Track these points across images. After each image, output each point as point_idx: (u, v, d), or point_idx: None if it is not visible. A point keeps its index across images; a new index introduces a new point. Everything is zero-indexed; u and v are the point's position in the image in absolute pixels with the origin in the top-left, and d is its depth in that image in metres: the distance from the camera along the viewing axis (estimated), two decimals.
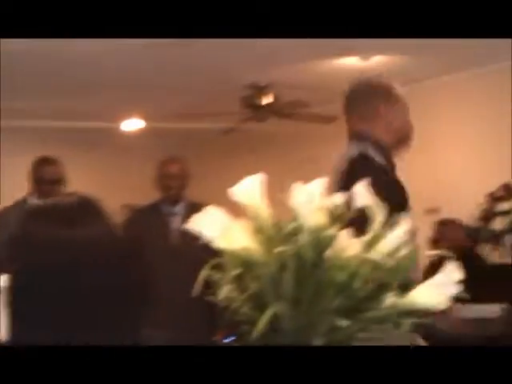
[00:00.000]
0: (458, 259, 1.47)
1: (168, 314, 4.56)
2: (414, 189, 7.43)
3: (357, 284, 1.43)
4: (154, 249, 4.67)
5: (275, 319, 1.35)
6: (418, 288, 1.45)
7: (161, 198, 4.96)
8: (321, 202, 1.42)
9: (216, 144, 9.04)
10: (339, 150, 8.34)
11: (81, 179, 8.74)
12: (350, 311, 1.42)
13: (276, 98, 7.41)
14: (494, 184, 6.69)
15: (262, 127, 7.86)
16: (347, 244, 1.46)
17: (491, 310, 4.24)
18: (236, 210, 1.45)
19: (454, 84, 7.43)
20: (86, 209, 1.36)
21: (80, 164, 9.28)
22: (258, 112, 7.46)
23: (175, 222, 4.79)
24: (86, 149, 9.40)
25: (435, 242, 5.99)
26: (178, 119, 8.10)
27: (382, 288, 1.46)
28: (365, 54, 6.57)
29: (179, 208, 4.88)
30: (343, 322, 1.40)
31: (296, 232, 1.41)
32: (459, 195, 7.10)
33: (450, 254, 1.49)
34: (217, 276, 1.42)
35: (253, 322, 1.34)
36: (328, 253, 1.42)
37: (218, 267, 1.42)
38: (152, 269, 1.38)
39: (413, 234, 1.56)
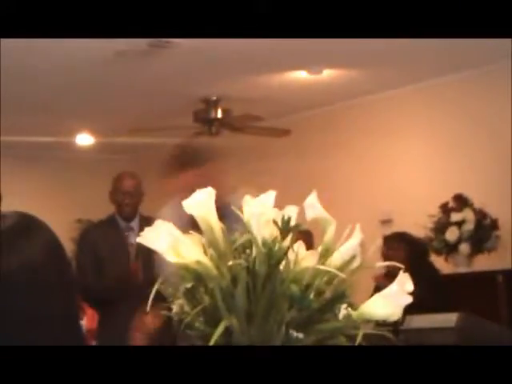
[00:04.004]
0: (406, 271, 1.47)
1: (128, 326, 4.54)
2: (369, 200, 7.49)
3: (310, 296, 1.42)
4: (115, 264, 4.68)
5: (228, 334, 1.34)
6: (371, 299, 1.44)
7: (116, 212, 4.92)
8: (272, 214, 1.41)
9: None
10: (291, 162, 8.32)
11: (31, 194, 8.67)
12: (305, 324, 1.41)
13: (227, 112, 7.41)
14: (444, 195, 6.77)
15: (214, 141, 7.85)
16: (300, 256, 1.46)
17: (446, 319, 4.26)
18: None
19: (404, 97, 7.50)
20: (24, 230, 1.31)
21: (30, 179, 9.19)
22: (209, 126, 7.44)
23: (132, 237, 4.77)
24: (35, 164, 9.32)
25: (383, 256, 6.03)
26: (128, 134, 8.05)
27: (335, 300, 1.45)
28: (315, 67, 6.60)
29: (134, 223, 4.86)
30: (298, 335, 1.39)
31: (248, 245, 1.40)
32: (411, 206, 7.16)
33: (401, 265, 1.49)
34: (169, 290, 1.40)
35: (205, 337, 1.32)
36: (281, 265, 1.41)
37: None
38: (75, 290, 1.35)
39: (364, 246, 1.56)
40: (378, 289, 1.49)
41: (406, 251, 6.04)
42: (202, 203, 1.40)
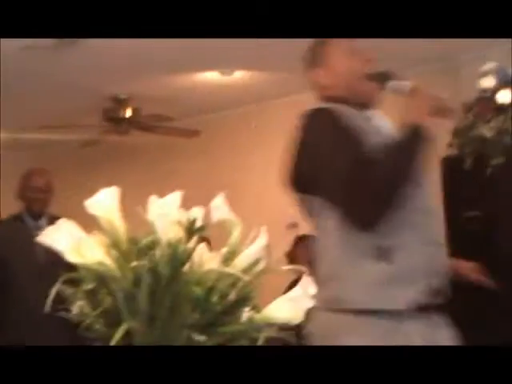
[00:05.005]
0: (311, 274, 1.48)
1: (33, 328, 4.42)
2: (276, 205, 7.48)
3: (214, 299, 1.41)
4: (21, 264, 4.56)
5: (129, 336, 1.32)
6: (275, 302, 1.45)
7: (24, 210, 4.80)
8: (177, 215, 1.40)
9: (75, 157, 8.89)
10: (200, 163, 8.28)
11: None
12: (207, 326, 1.41)
13: (137, 111, 7.35)
14: None
15: (122, 140, 7.77)
16: (205, 258, 1.45)
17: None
18: (96, 224, 1.41)
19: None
20: None
21: None
22: (118, 125, 7.36)
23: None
24: None
25: (292, 257, 6.05)
26: (35, 131, 7.90)
27: (239, 303, 1.45)
28: (225, 68, 6.60)
29: (42, 222, 4.73)
30: (200, 338, 1.38)
31: (152, 246, 1.39)
32: None
33: (305, 268, 1.49)
34: (69, 291, 1.38)
35: (106, 340, 1.30)
36: (185, 267, 1.40)
37: (73, 282, 1.38)
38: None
39: (269, 249, 1.56)
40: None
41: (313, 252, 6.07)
42: (104, 203, 1.37)
